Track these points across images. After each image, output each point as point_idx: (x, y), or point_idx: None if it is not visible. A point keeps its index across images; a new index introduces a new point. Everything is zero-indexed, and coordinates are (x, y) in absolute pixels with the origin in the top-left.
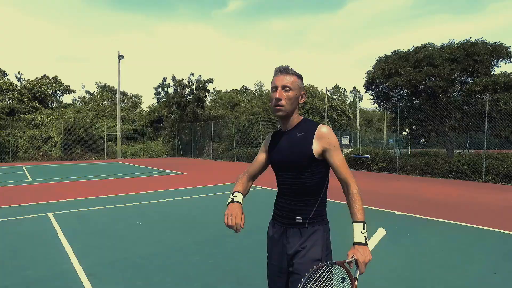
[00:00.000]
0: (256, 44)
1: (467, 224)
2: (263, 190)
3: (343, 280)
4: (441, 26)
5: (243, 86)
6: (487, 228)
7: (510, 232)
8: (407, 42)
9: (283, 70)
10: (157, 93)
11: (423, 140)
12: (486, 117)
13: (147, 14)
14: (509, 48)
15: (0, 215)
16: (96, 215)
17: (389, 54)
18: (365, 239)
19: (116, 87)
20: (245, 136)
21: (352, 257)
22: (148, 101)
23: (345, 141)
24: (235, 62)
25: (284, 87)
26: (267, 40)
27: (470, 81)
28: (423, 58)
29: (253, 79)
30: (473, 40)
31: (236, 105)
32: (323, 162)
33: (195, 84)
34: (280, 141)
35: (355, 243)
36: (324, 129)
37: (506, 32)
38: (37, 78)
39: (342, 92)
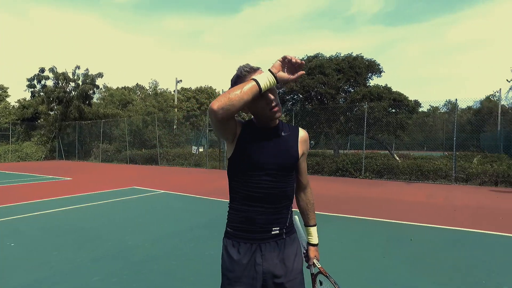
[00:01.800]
0: (150, 40)
1: (356, 217)
2: (163, 194)
3: (321, 283)
4: (326, 40)
5: (137, 84)
6: (372, 218)
7: (389, 220)
8: (299, 51)
9: (251, 70)
10: (31, 86)
11: (313, 142)
12: (365, 122)
13: None
14: (379, 65)
15: None
16: None
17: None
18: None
19: None
20: (139, 137)
21: (315, 257)
22: (18, 94)
23: None
24: (128, 58)
25: None
26: (161, 37)
27: (352, 90)
28: (315, 66)
29: (147, 77)
30: (354, 55)
31: (128, 104)
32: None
33: (81, 78)
34: (261, 138)
35: (314, 244)
36: (305, 133)
37: (375, 51)
38: None
39: None
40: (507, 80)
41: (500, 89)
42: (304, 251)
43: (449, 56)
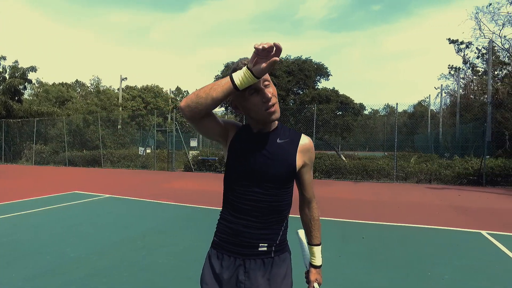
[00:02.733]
0: (90, 34)
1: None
2: (108, 198)
3: None
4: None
5: (76, 80)
6: (325, 218)
7: (342, 219)
8: (248, 53)
9: None
10: None
11: None
12: (314, 124)
13: None
14: (327, 69)
15: None
16: None
17: (236, 61)
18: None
19: None
20: (79, 137)
21: (316, 281)
22: None
23: (193, 143)
24: (65, 52)
25: (264, 82)
26: (104, 32)
27: (302, 92)
28: None
29: (89, 73)
30: (304, 58)
31: (67, 101)
32: (295, 177)
33: (8, 71)
34: (253, 144)
35: (316, 266)
36: (308, 141)
37: (321, 55)
38: None
39: (185, 95)
40: (434, 87)
41: (429, 95)
42: (306, 270)
43: (387, 63)
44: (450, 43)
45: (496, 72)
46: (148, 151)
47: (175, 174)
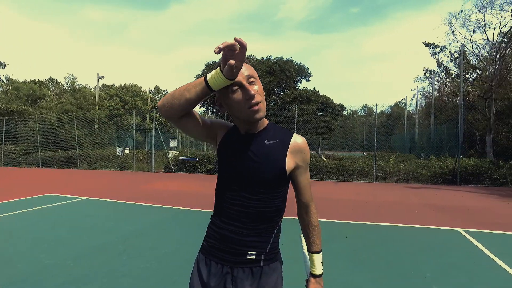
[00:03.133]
0: (65, 30)
1: (293, 217)
2: (85, 201)
3: None
4: (255, 43)
5: (50, 78)
6: None
7: (325, 220)
8: None
9: None
10: None
11: None
12: (295, 124)
13: None
14: (308, 70)
15: None
16: None
17: (217, 61)
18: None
19: None
20: (53, 137)
21: None
22: None
23: (173, 143)
24: (38, 48)
25: (249, 79)
26: (80, 28)
27: (283, 93)
28: None
29: (63, 71)
30: (285, 58)
31: (40, 100)
32: (289, 180)
33: None
34: (239, 146)
35: (316, 275)
36: (301, 141)
37: (300, 56)
38: None
39: (164, 94)
40: (411, 89)
41: (406, 96)
42: (306, 279)
43: (365, 64)
44: (426, 46)
45: (467, 76)
46: (127, 151)
47: (154, 175)
